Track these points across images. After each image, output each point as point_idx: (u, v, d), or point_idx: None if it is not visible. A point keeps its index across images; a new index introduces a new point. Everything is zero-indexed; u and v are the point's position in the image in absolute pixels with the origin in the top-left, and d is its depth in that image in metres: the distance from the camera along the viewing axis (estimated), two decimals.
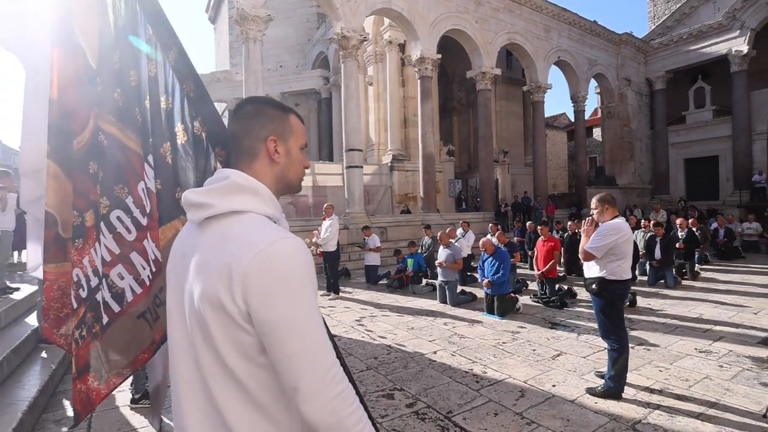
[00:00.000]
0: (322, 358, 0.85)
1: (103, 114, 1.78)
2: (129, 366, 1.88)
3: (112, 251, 1.81)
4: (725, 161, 21.23)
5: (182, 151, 1.73)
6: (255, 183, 0.97)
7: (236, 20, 11.57)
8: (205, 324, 0.87)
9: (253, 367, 0.88)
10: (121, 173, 1.80)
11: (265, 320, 0.82)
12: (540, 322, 5.81)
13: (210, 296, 0.85)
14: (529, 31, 18.03)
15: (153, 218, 1.80)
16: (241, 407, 0.88)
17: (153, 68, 1.73)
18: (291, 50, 25.42)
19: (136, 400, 3.57)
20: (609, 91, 22.33)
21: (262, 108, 1.03)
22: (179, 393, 0.95)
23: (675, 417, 3.09)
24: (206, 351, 0.89)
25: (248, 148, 1.01)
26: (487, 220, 15.08)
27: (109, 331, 1.82)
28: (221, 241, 0.89)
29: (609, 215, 3.56)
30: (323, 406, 0.83)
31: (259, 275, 0.82)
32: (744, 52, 19.56)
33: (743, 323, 5.44)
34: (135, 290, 1.85)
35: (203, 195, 0.94)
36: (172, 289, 1.01)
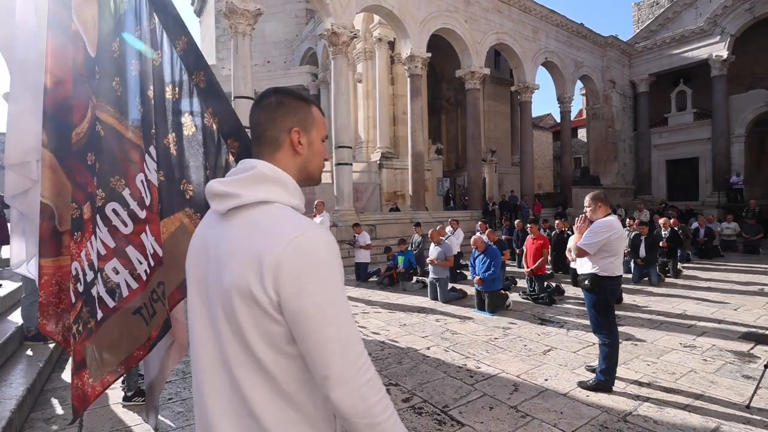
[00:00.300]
0: (352, 346, 0.86)
1: (101, 104, 1.75)
2: (123, 363, 1.86)
3: (107, 245, 1.78)
4: (705, 163, 21.80)
5: (189, 143, 1.69)
6: (281, 173, 0.97)
7: (225, 14, 11.41)
8: (234, 314, 0.87)
9: (281, 357, 0.88)
10: (117, 165, 1.76)
11: (297, 309, 0.83)
12: (530, 318, 5.90)
13: (239, 286, 0.85)
14: (517, 31, 18.21)
15: (153, 211, 1.76)
16: (268, 397, 0.89)
17: (158, 58, 1.69)
18: (279, 46, 25.17)
19: (128, 397, 3.52)
20: (594, 92, 22.70)
21: (285, 99, 1.03)
22: (203, 385, 0.95)
23: (664, 409, 3.18)
24: (233, 341, 0.89)
25: (272, 139, 1.01)
26: (475, 218, 15.22)
27: (104, 326, 1.79)
28: (249, 231, 0.89)
29: (602, 213, 3.64)
30: (353, 394, 0.84)
31: (290, 265, 0.83)
32: (724, 57, 20.09)
33: (725, 319, 5.61)
34: (131, 285, 1.81)
35: (229, 185, 0.94)
36: (194, 280, 1.01)
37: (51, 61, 1.83)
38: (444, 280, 7.07)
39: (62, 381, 4.05)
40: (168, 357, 2.08)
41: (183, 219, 1.72)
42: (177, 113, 1.70)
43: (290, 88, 1.08)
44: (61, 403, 3.58)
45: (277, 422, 0.89)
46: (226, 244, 0.92)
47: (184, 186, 1.69)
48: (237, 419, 0.90)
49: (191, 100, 1.65)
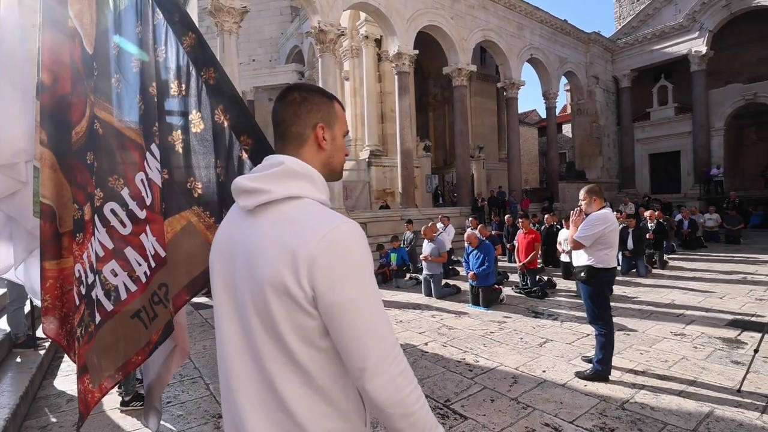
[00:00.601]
0: (387, 338, 0.88)
1: (99, 101, 1.71)
2: (121, 369, 1.80)
3: (105, 246, 1.75)
4: (686, 156, 22.29)
5: (197, 140, 1.66)
6: (310, 169, 0.98)
7: (210, 11, 11.25)
8: (267, 309, 0.87)
9: (314, 351, 0.89)
10: (116, 164, 1.73)
11: (332, 302, 0.84)
12: (524, 311, 5.98)
13: (273, 281, 0.86)
14: (503, 28, 18.34)
15: (155, 211, 1.72)
16: (301, 391, 0.89)
17: (162, 53, 1.66)
18: (264, 44, 24.94)
19: (126, 402, 3.47)
20: (579, 88, 23.00)
21: (309, 95, 1.04)
22: (232, 381, 0.95)
23: (659, 395, 3.27)
24: (265, 337, 0.89)
25: (297, 134, 1.02)
26: (465, 214, 15.34)
27: (101, 330, 1.76)
28: (281, 226, 0.90)
29: (596, 206, 3.71)
30: (388, 384, 0.85)
31: (325, 258, 0.84)
32: (703, 52, 20.55)
33: (711, 307, 5.77)
34: (129, 288, 1.77)
35: (258, 181, 0.94)
36: (220, 276, 1.01)
37: (47, 58, 1.79)
38: (438, 276, 7.12)
39: (54, 388, 3.97)
40: (171, 360, 2.04)
41: (190, 217, 1.69)
42: (183, 110, 1.66)
43: (313, 84, 1.09)
44: (54, 410, 3.52)
45: (310, 416, 0.89)
46: (256, 240, 0.92)
47: (192, 184, 1.66)
48: (268, 413, 0.90)
49: (200, 97, 1.61)
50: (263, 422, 0.91)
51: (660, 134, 23.40)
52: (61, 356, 4.85)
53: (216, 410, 3.36)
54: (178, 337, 1.97)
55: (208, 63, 1.57)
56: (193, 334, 5.42)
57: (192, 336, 5.34)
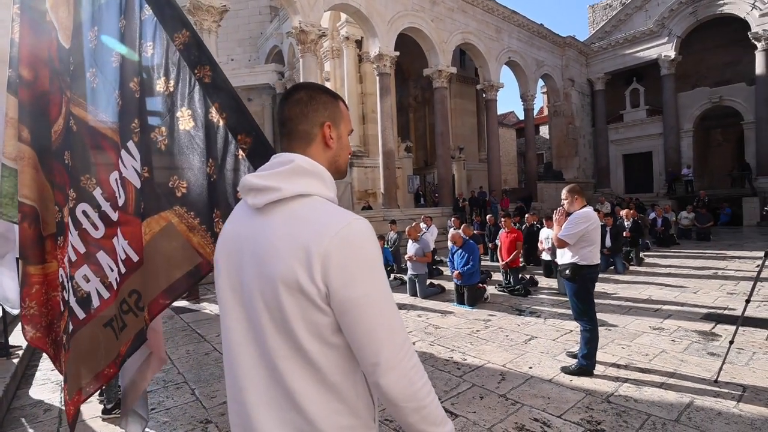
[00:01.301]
0: (399, 333, 0.89)
1: (74, 98, 1.64)
2: (93, 381, 1.71)
3: (78, 250, 1.66)
4: (658, 156, 23.05)
5: (185, 138, 1.59)
6: (319, 167, 0.98)
7: (189, 10, 11.04)
8: (279, 307, 0.87)
9: (326, 348, 0.89)
10: (88, 163, 1.65)
11: (346, 299, 0.85)
12: (508, 309, 6.07)
13: (286, 278, 0.86)
14: (481, 31, 18.61)
15: (127, 212, 1.62)
16: (314, 389, 0.89)
17: (149, 49, 1.59)
18: (243, 43, 24.63)
19: (108, 410, 3.36)
20: (555, 90, 23.53)
21: (316, 94, 1.04)
22: (240, 380, 0.94)
23: (642, 388, 3.37)
24: (276, 334, 0.89)
25: (304, 133, 1.02)
26: (446, 214, 15.46)
27: (74, 340, 1.66)
28: (293, 223, 0.90)
29: (578, 205, 3.80)
30: (401, 378, 0.86)
31: (339, 255, 0.84)
32: (672, 57, 21.32)
33: (686, 302, 5.98)
34: (102, 295, 1.67)
35: (268, 179, 0.94)
36: (226, 275, 1.00)
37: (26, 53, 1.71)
38: (422, 276, 7.16)
39: (30, 398, 3.82)
40: (146, 367, 1.96)
41: (171, 218, 1.59)
42: (170, 107, 1.59)
43: (318, 83, 1.09)
44: (31, 421, 3.39)
45: (323, 413, 0.89)
46: (267, 238, 0.91)
47: (175, 183, 1.58)
48: (279, 412, 0.90)
49: (191, 94, 1.56)
50: (273, 421, 0.90)
51: (633, 135, 24.14)
52: (36, 364, 4.67)
53: (203, 416, 3.30)
54: (152, 344, 1.88)
55: (203, 61, 1.52)
56: (175, 339, 5.29)
57: (174, 341, 5.21)
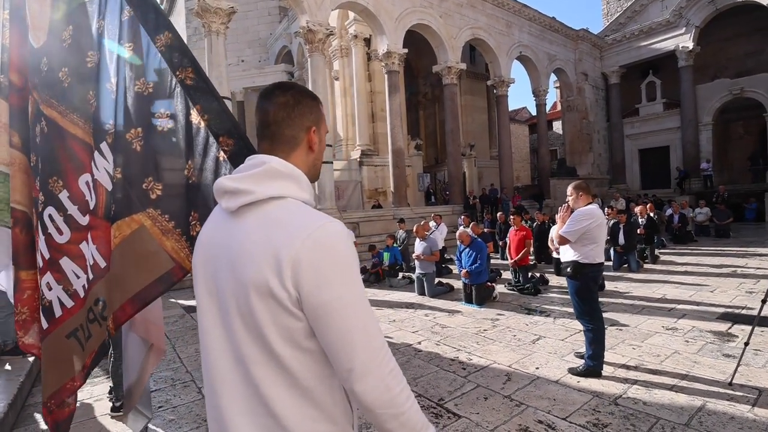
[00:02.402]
0: (374, 338, 0.86)
1: (45, 97, 1.60)
2: (54, 397, 1.61)
3: (44, 256, 1.60)
4: (675, 151, 22.51)
5: (161, 139, 1.55)
6: (293, 169, 0.96)
7: (197, 12, 11.15)
8: (251, 312, 0.86)
9: (300, 353, 0.87)
10: (57, 164, 1.60)
11: (319, 303, 0.83)
12: (517, 308, 5.99)
13: (257, 283, 0.84)
14: (491, 26, 18.38)
15: (98, 215, 1.57)
16: (288, 394, 0.88)
17: (129, 50, 1.56)
18: (252, 44, 24.79)
19: (116, 408, 3.42)
20: (568, 85, 23.13)
21: (302, 97, 1.02)
22: (217, 386, 0.93)
23: (652, 390, 3.28)
24: (249, 340, 0.88)
25: (290, 138, 1.00)
26: (457, 212, 15.35)
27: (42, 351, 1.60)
28: (265, 226, 0.88)
29: (583, 202, 3.72)
30: (378, 385, 0.84)
31: (310, 258, 0.82)
32: (690, 48, 20.75)
33: (702, 301, 5.81)
34: (65, 303, 1.60)
35: (241, 181, 0.92)
36: (203, 280, 0.99)
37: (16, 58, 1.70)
38: (430, 275, 7.11)
39: None
40: (146, 360, 1.96)
41: (143, 221, 1.54)
42: (147, 108, 1.55)
43: (299, 84, 1.06)
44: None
45: (297, 419, 0.88)
46: (240, 242, 0.90)
47: (149, 185, 1.54)
48: (254, 418, 0.89)
49: (172, 96, 1.53)
50: (249, 427, 0.89)
51: (649, 130, 23.61)
52: None
53: None
54: (152, 336, 1.88)
55: (185, 63, 1.50)
56: (185, 338, 5.35)
57: (183, 339, 5.27)
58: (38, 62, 1.63)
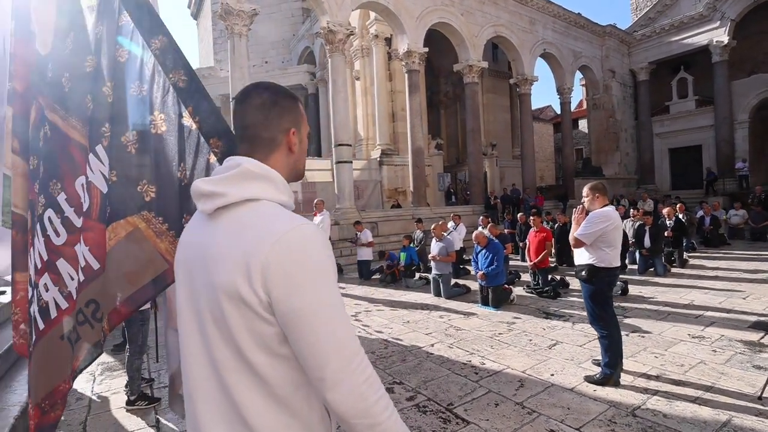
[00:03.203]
0: (347, 345, 0.83)
1: (49, 102, 1.63)
2: (48, 398, 1.61)
3: (42, 257, 1.62)
4: (708, 150, 21.62)
5: (156, 142, 1.56)
6: (268, 170, 0.94)
7: (220, 15, 11.34)
8: (223, 317, 0.84)
9: (273, 360, 0.85)
10: (56, 167, 1.62)
11: (288, 309, 0.80)
12: (534, 312, 5.84)
13: (227, 288, 0.82)
14: (514, 23, 18.06)
15: (91, 217, 1.58)
16: (260, 401, 0.85)
17: (125, 54, 1.58)
18: (276, 46, 25.13)
19: (132, 402, 3.49)
20: (594, 82, 22.53)
21: (279, 98, 0.99)
22: (193, 391, 0.91)
23: (673, 402, 3.12)
24: (223, 346, 0.86)
25: (268, 140, 0.98)
26: (477, 213, 15.15)
27: (35, 352, 1.61)
28: (237, 230, 0.86)
29: (599, 203, 3.59)
30: (350, 393, 0.80)
31: (279, 263, 0.80)
32: (725, 42, 19.88)
33: (733, 308, 5.53)
34: (60, 305, 1.61)
35: (215, 184, 0.91)
36: (182, 284, 0.97)
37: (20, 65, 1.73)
38: (446, 276, 7.02)
39: None
40: None
41: (138, 223, 1.55)
42: (142, 111, 1.57)
43: (277, 84, 1.03)
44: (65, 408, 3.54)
45: (271, 428, 0.86)
46: (213, 245, 0.88)
47: (144, 187, 1.56)
48: (229, 426, 0.87)
49: (165, 98, 1.54)
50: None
51: (680, 128, 22.76)
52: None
53: None
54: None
55: (178, 65, 1.51)
56: None
57: None
58: (45, 69, 1.66)
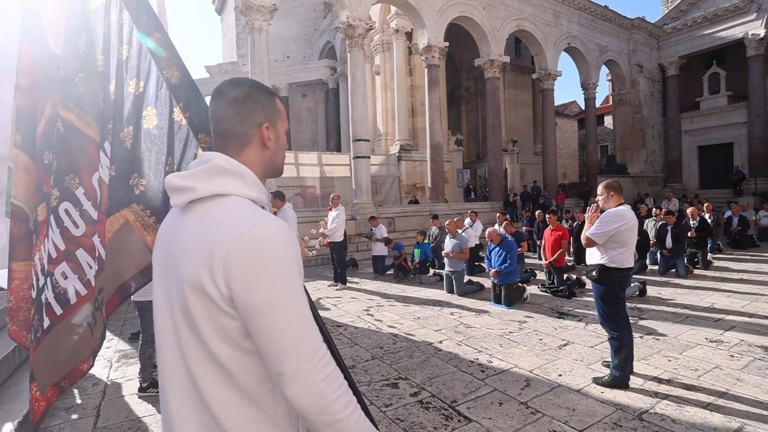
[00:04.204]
0: (307, 341, 0.84)
1: (63, 100, 1.69)
2: (67, 377, 1.71)
3: (58, 247, 1.69)
4: (740, 148, 20.76)
5: (147, 137, 1.62)
6: (238, 166, 0.95)
7: (241, 10, 11.48)
8: (188, 310, 0.86)
9: (237, 352, 0.87)
10: (73, 162, 1.69)
11: (248, 304, 0.82)
12: (547, 311, 5.76)
13: (191, 281, 0.85)
14: (537, 17, 17.68)
15: (101, 211, 1.67)
16: (226, 394, 0.88)
17: (125, 52, 1.64)
18: (298, 40, 25.26)
19: (143, 388, 3.61)
20: (620, 77, 21.88)
21: (252, 92, 1.00)
22: (165, 381, 0.94)
23: (683, 407, 3.04)
24: (190, 338, 0.88)
25: (240, 135, 0.99)
26: (496, 209, 14.98)
27: (49, 336, 1.69)
28: (203, 224, 0.88)
29: (614, 202, 3.50)
30: (309, 390, 0.82)
31: (241, 258, 0.81)
32: (761, 35, 18.99)
33: (756, 312, 5.33)
34: (80, 292, 1.70)
35: (186, 178, 0.93)
36: (158, 277, 1.00)
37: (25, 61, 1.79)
38: (459, 273, 6.98)
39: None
40: None
41: (128, 216, 1.62)
42: (138, 106, 1.62)
43: (252, 79, 1.05)
44: (80, 393, 3.70)
45: (236, 420, 0.88)
46: (182, 239, 0.91)
47: (134, 181, 1.62)
48: (197, 416, 0.89)
49: (158, 94, 1.59)
50: (191, 424, 0.90)
51: (710, 125, 21.91)
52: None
53: None
54: None
55: (172, 62, 1.55)
56: None
57: None
58: (57, 68, 1.73)
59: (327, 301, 6.85)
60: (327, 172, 16.05)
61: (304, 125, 23.99)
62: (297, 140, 23.31)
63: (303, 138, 23.72)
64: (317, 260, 10.79)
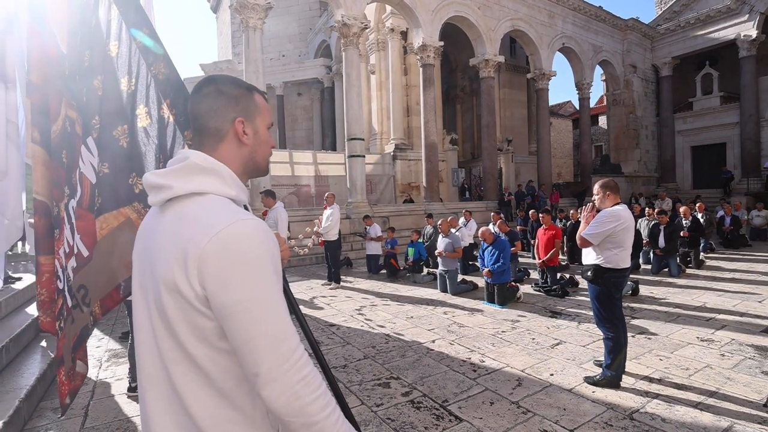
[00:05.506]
0: (283, 342, 0.82)
1: (68, 99, 1.72)
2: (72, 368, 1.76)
3: (69, 242, 1.74)
4: (733, 148, 20.95)
5: (142, 135, 1.63)
6: (215, 163, 0.94)
7: (236, 8, 11.42)
8: (164, 309, 0.85)
9: (214, 352, 0.86)
10: (76, 160, 1.73)
11: (223, 304, 0.80)
12: (540, 311, 5.77)
13: (166, 280, 0.83)
14: (532, 17, 17.73)
15: (82, 207, 1.68)
16: (202, 394, 0.86)
17: (115, 48, 1.64)
18: (293, 39, 25.18)
19: (133, 388, 3.57)
20: (614, 78, 22.00)
21: (225, 87, 0.99)
22: (143, 380, 0.93)
23: (673, 406, 3.05)
24: (166, 337, 0.87)
25: (214, 130, 0.97)
26: (490, 209, 14.99)
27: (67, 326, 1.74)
28: (178, 223, 0.87)
29: (610, 202, 3.49)
30: (284, 391, 0.80)
31: (215, 258, 0.80)
32: (753, 36, 19.16)
33: (747, 312, 5.36)
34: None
35: (162, 176, 0.91)
36: (137, 275, 0.99)
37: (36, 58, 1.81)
38: (453, 272, 6.98)
39: None
40: None
41: (130, 214, 1.64)
42: (132, 105, 1.63)
43: (230, 76, 1.03)
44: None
45: (212, 420, 0.86)
46: (159, 237, 0.90)
47: (134, 179, 1.63)
48: (174, 416, 0.88)
49: (148, 91, 1.59)
50: (169, 425, 0.88)
51: (703, 125, 22.07)
52: None
53: None
54: None
55: (159, 58, 1.54)
56: None
57: None
58: (64, 67, 1.74)
59: (321, 300, 6.83)
60: (322, 171, 16.01)
61: (300, 124, 23.92)
62: (292, 139, 23.25)
63: (298, 137, 23.65)
64: (311, 259, 10.75)
